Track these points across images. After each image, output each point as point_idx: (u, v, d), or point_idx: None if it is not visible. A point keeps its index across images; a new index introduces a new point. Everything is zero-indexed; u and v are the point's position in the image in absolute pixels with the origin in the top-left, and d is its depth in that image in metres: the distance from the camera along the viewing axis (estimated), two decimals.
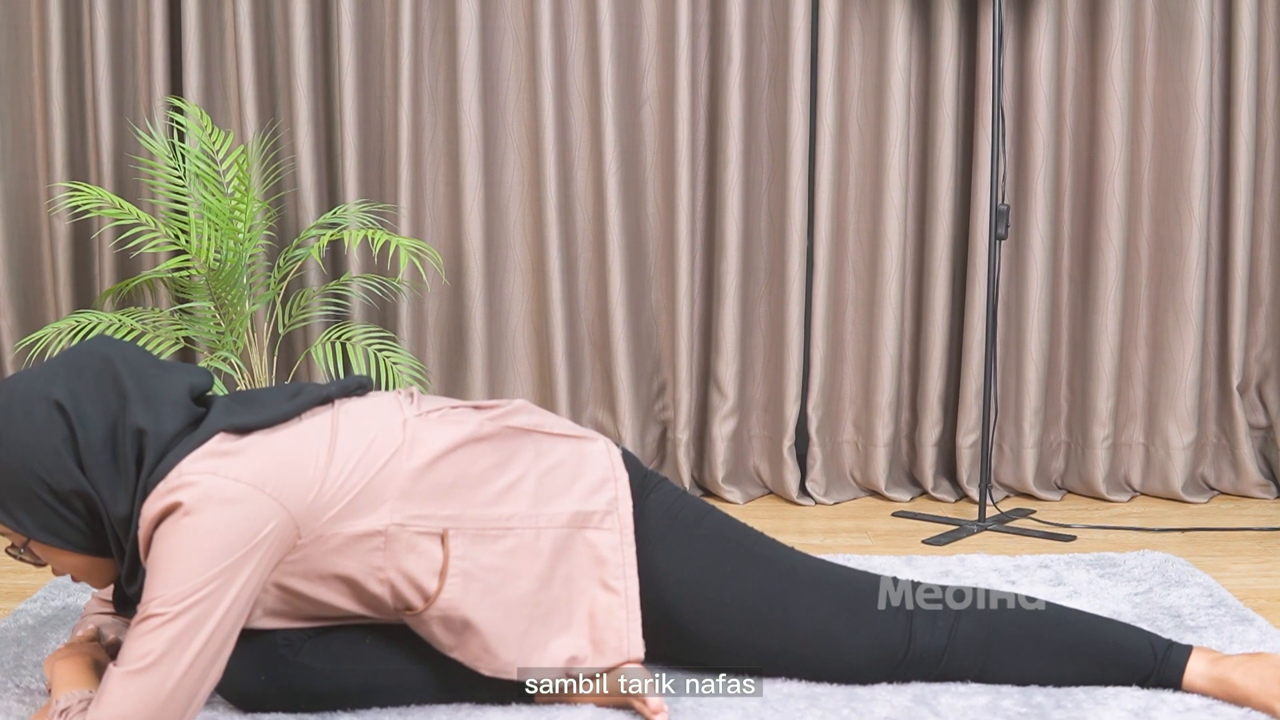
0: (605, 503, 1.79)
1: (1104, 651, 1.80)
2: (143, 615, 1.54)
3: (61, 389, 1.59)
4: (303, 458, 1.63)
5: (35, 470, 1.57)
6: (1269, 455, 3.30)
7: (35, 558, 1.67)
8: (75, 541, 1.62)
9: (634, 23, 3.22)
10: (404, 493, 1.67)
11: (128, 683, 1.52)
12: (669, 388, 3.32)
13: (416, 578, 1.67)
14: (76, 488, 1.58)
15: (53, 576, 2.49)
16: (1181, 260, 3.16)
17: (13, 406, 1.59)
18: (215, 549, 1.55)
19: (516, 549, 1.72)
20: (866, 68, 3.20)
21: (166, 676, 1.52)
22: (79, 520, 1.61)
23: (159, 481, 1.58)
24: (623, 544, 1.77)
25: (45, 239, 3.32)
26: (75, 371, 1.62)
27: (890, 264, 3.20)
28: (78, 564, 1.66)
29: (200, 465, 1.58)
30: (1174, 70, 3.13)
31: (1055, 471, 3.33)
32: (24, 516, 1.59)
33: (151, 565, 1.55)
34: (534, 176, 3.24)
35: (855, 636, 1.80)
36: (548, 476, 1.77)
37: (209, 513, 1.55)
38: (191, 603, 1.53)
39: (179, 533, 1.54)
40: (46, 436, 1.57)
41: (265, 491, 1.58)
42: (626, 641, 1.74)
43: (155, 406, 1.63)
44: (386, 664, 1.75)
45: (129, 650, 1.54)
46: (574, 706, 1.79)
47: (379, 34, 3.25)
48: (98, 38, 3.20)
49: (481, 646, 1.70)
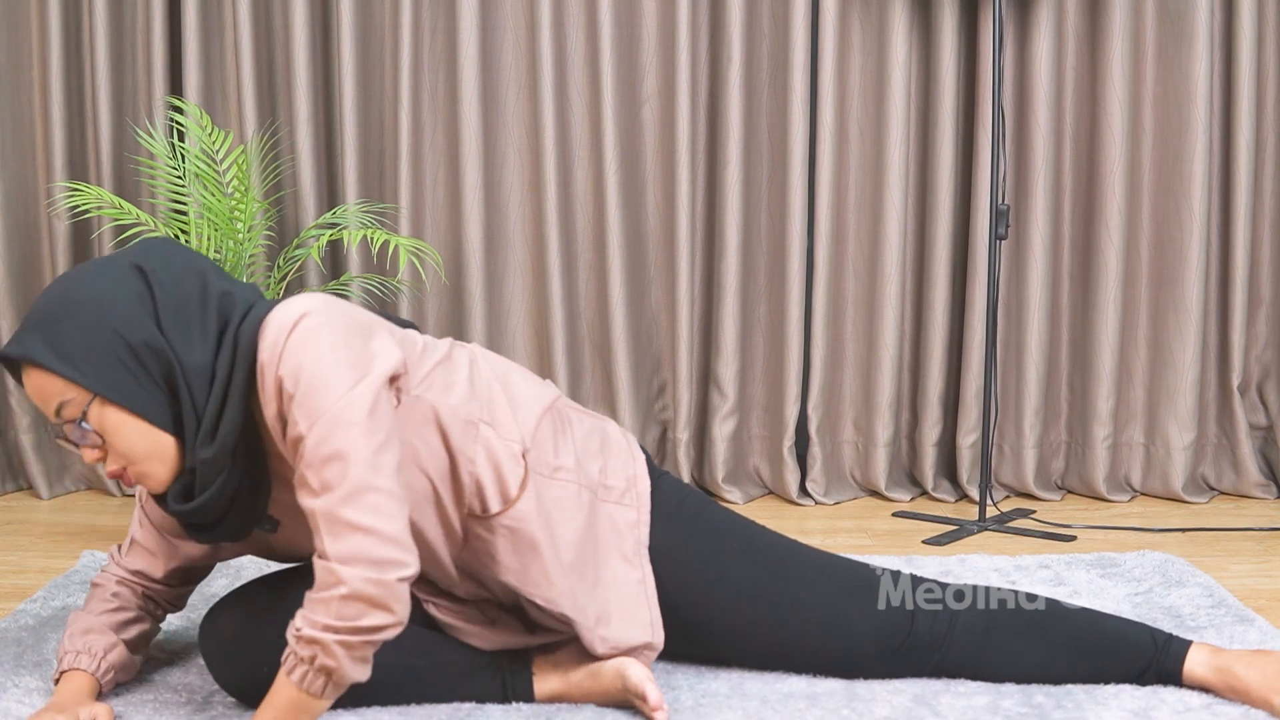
0: (625, 480, 1.82)
1: (1104, 643, 1.81)
2: (301, 434, 1.51)
3: (139, 258, 1.61)
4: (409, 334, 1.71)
5: (109, 321, 1.55)
6: (1269, 455, 3.30)
7: (95, 438, 1.57)
8: (143, 404, 1.56)
9: (634, 23, 3.22)
10: (492, 400, 1.71)
11: (347, 494, 1.49)
12: (669, 388, 3.32)
13: (504, 477, 1.68)
14: (150, 340, 1.55)
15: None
16: (1181, 260, 3.16)
17: (87, 270, 1.60)
18: (350, 335, 1.56)
19: (564, 497, 1.75)
20: (866, 68, 3.20)
21: (374, 469, 1.51)
22: (147, 379, 1.56)
23: (256, 326, 1.57)
24: (639, 520, 1.80)
25: (45, 239, 3.32)
26: (151, 247, 1.63)
27: (890, 264, 3.20)
28: (139, 442, 1.57)
29: (303, 297, 1.60)
30: (1174, 70, 3.13)
31: (1055, 471, 3.33)
32: (91, 369, 1.54)
33: (296, 384, 1.52)
34: (534, 176, 3.24)
35: (857, 619, 1.81)
36: (581, 444, 1.81)
37: (334, 314, 1.57)
38: (354, 398, 1.52)
39: (310, 337, 1.54)
40: (123, 292, 1.57)
41: (377, 318, 1.64)
42: (649, 612, 1.76)
43: (234, 282, 1.65)
44: (389, 658, 1.75)
45: (316, 478, 1.51)
46: (574, 706, 1.79)
47: (379, 34, 3.25)
48: (98, 38, 3.20)
49: (541, 571, 1.71)
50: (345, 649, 1.50)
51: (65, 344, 1.55)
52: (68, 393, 1.56)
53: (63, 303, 1.57)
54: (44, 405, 1.58)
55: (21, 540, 2.88)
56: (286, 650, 1.53)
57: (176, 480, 1.61)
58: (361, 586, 1.48)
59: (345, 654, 1.50)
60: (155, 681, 1.89)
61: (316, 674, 1.51)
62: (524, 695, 1.79)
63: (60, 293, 1.58)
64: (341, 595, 1.48)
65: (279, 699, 1.53)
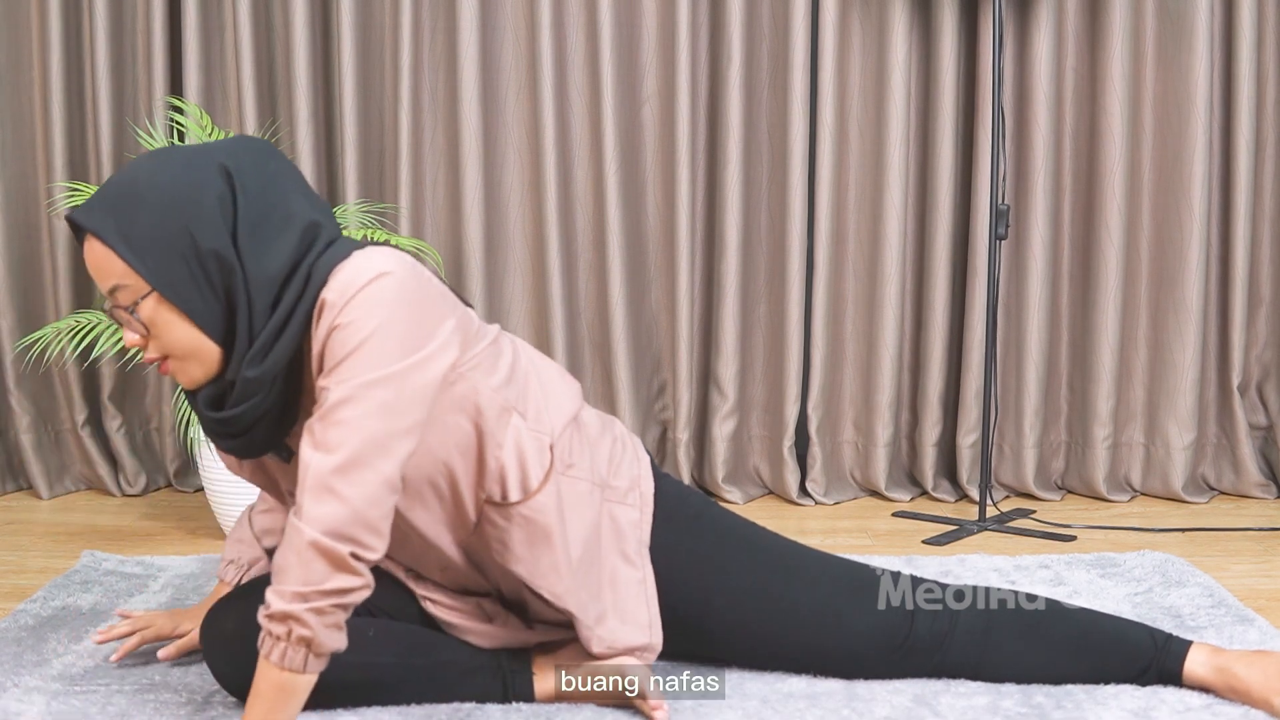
0: (629, 480, 1.82)
1: (1104, 642, 1.81)
2: (329, 386, 1.51)
3: (230, 158, 1.57)
4: (469, 312, 1.71)
5: (183, 219, 1.52)
6: (1269, 455, 3.30)
7: (141, 327, 1.56)
8: (198, 311, 1.54)
9: (634, 23, 3.22)
10: (527, 390, 1.72)
11: (343, 465, 1.50)
12: (669, 388, 3.32)
13: (528, 466, 1.68)
14: (220, 249, 1.53)
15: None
16: (1181, 260, 3.16)
17: (175, 156, 1.56)
18: (422, 313, 1.56)
19: (577, 494, 1.75)
20: (866, 68, 3.20)
21: (384, 449, 1.52)
22: (208, 288, 1.55)
23: (333, 265, 1.56)
24: (642, 520, 1.80)
25: (45, 239, 3.32)
26: (246, 149, 1.60)
27: (890, 264, 3.20)
28: (186, 343, 1.56)
29: (403, 254, 1.59)
30: (1174, 70, 3.13)
31: (1055, 471, 3.32)
32: (154, 263, 1.52)
33: (348, 337, 1.52)
34: (534, 176, 3.24)
35: (857, 619, 1.81)
36: (595, 443, 1.82)
37: (412, 283, 1.56)
38: (394, 375, 1.52)
39: (381, 296, 1.52)
40: (204, 191, 1.53)
41: (447, 300, 1.63)
42: (647, 612, 1.76)
43: (323, 208, 1.63)
44: (389, 657, 1.75)
45: (323, 433, 1.51)
46: (574, 706, 1.79)
47: (379, 34, 3.25)
48: (98, 38, 3.20)
49: (551, 564, 1.70)
50: (317, 615, 1.50)
51: (136, 230, 1.53)
52: (126, 279, 1.54)
53: (144, 187, 1.54)
54: (99, 279, 1.57)
55: (21, 540, 2.88)
56: (260, 636, 1.52)
57: (212, 384, 1.60)
58: (328, 545, 1.49)
59: (318, 620, 1.50)
60: (155, 681, 1.89)
61: (295, 647, 1.51)
62: (524, 694, 1.79)
63: (145, 176, 1.55)
64: (306, 555, 1.48)
65: (264, 686, 1.53)
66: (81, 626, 2.15)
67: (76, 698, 1.82)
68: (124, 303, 1.55)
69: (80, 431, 3.33)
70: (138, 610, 1.99)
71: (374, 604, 1.85)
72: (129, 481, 3.33)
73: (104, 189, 1.56)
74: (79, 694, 1.84)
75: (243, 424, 1.60)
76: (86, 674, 1.93)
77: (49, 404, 3.36)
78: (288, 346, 1.55)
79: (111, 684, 1.88)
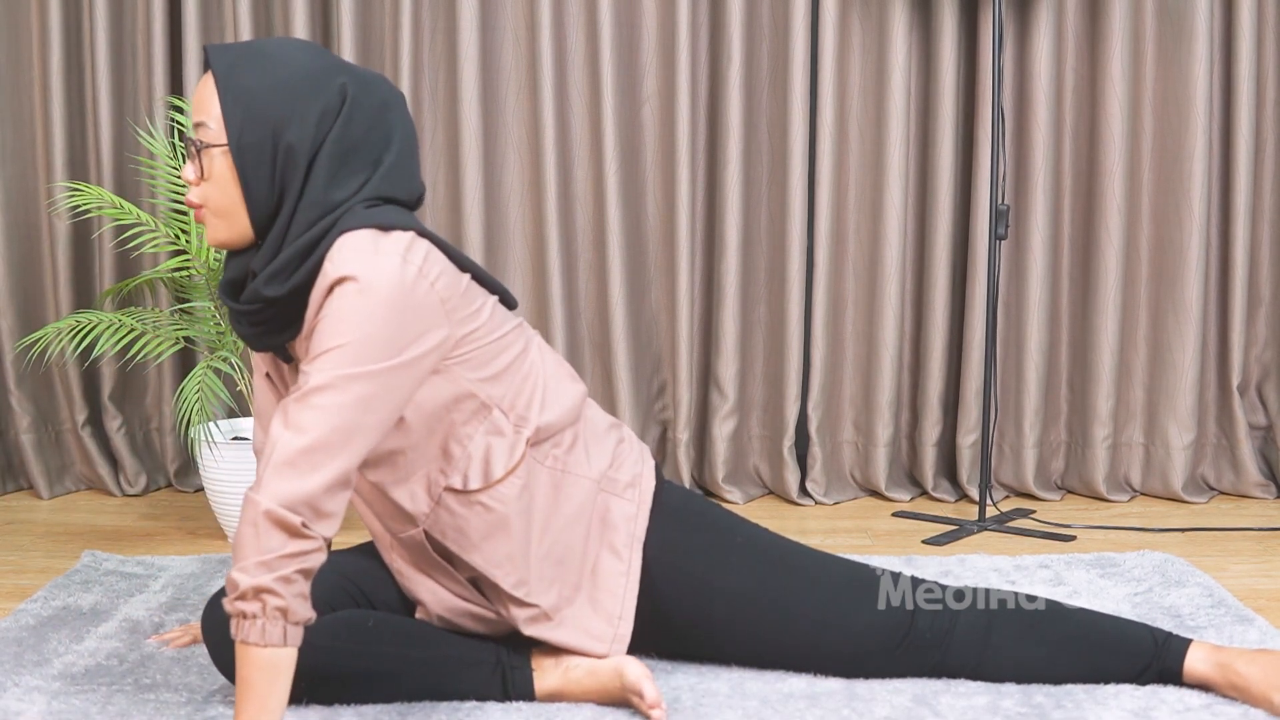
0: (630, 476, 1.84)
1: (1105, 640, 1.81)
2: (315, 386, 1.55)
3: (356, 85, 1.66)
4: (475, 292, 1.72)
5: (285, 108, 1.62)
6: (1269, 455, 3.30)
7: (200, 168, 1.65)
8: (251, 184, 1.63)
9: (634, 23, 3.22)
10: (522, 387, 1.74)
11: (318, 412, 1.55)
12: (669, 388, 3.32)
13: (492, 458, 1.72)
14: (297, 151, 1.62)
15: None
16: (1181, 260, 3.16)
17: (315, 55, 1.66)
18: (410, 318, 1.60)
19: (563, 486, 1.77)
20: (866, 68, 3.20)
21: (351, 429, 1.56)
22: (269, 174, 1.63)
23: (359, 225, 1.61)
24: (638, 515, 1.81)
25: (45, 239, 3.32)
26: (371, 85, 1.68)
27: (890, 264, 3.20)
28: (227, 202, 1.65)
29: (416, 254, 1.62)
30: (1174, 70, 3.13)
31: (1055, 471, 3.32)
32: (243, 127, 1.60)
33: (339, 330, 1.57)
34: (534, 176, 3.24)
35: (857, 617, 1.82)
36: (598, 440, 1.84)
37: (409, 281, 1.60)
38: (367, 374, 1.57)
39: (372, 293, 1.57)
40: (316, 98, 1.63)
41: (446, 307, 1.65)
42: (620, 604, 1.78)
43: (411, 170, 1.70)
44: (389, 647, 1.76)
45: (296, 409, 1.55)
46: (574, 705, 1.79)
47: (379, 34, 3.25)
48: (98, 38, 3.20)
49: (506, 555, 1.73)
50: (285, 583, 1.51)
51: (245, 86, 1.62)
52: (213, 122, 1.63)
53: (276, 61, 1.63)
54: (195, 110, 1.66)
55: (21, 540, 2.88)
56: (232, 624, 1.53)
57: (235, 266, 1.69)
58: (282, 515, 1.51)
59: (287, 589, 1.51)
60: (156, 681, 1.89)
61: (272, 620, 1.51)
62: (524, 691, 1.79)
63: (284, 53, 1.64)
64: (262, 525, 1.50)
65: (248, 672, 1.53)
66: (82, 626, 2.15)
67: (76, 697, 1.82)
68: (201, 139, 1.64)
69: (80, 431, 3.33)
70: (142, 610, 2.01)
71: (371, 598, 1.85)
72: (129, 481, 3.33)
73: (251, 44, 1.67)
74: (79, 694, 1.84)
75: (254, 319, 1.69)
76: (87, 674, 1.93)
77: (49, 404, 3.36)
78: (302, 279, 1.63)
79: (111, 684, 1.88)
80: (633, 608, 1.79)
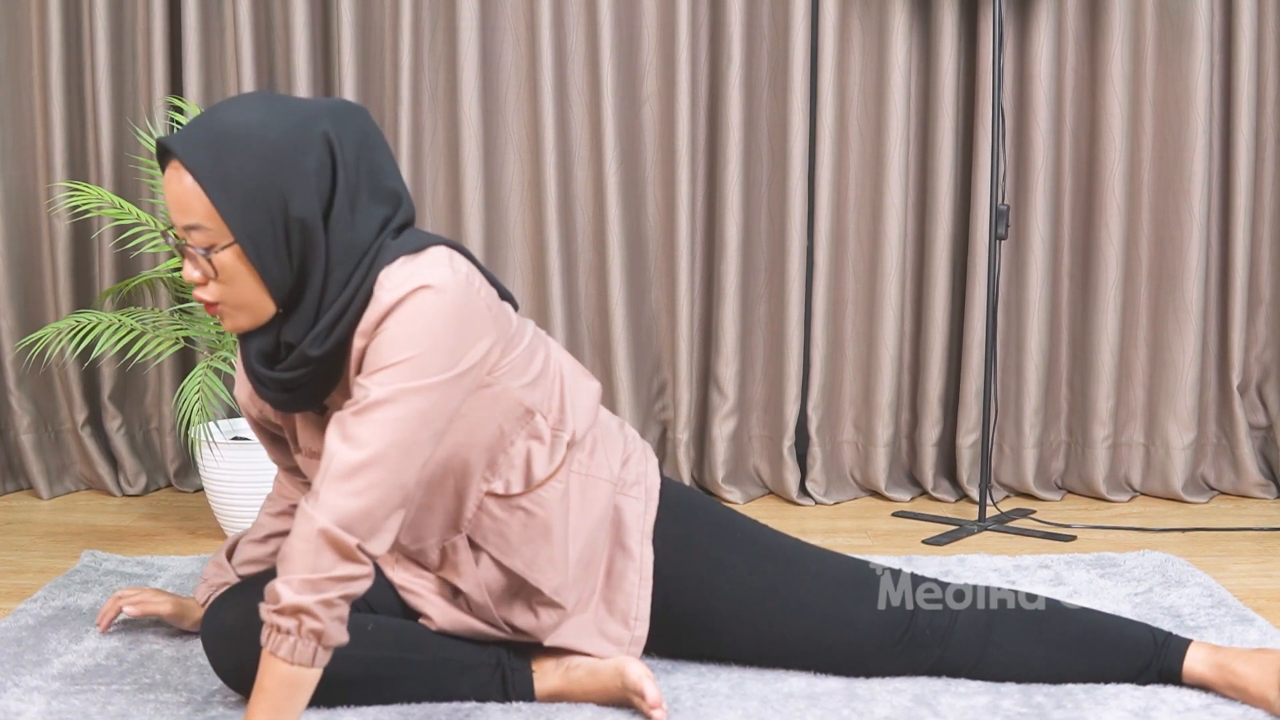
0: (636, 473, 1.85)
1: (1105, 639, 1.81)
2: (374, 400, 1.54)
3: (334, 126, 1.57)
4: (510, 313, 1.72)
5: (281, 180, 1.53)
6: (1269, 455, 3.30)
7: (209, 269, 1.57)
8: (270, 270, 1.56)
9: (634, 23, 3.22)
10: (553, 390, 1.75)
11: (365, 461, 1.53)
12: (669, 388, 3.32)
13: (534, 463, 1.72)
14: (308, 219, 1.55)
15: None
16: (1181, 260, 3.16)
17: (285, 110, 1.56)
18: (463, 327, 1.59)
19: (588, 490, 1.78)
20: (866, 68, 3.20)
21: (404, 458, 1.55)
22: (285, 254, 1.56)
23: (398, 256, 1.59)
24: (646, 512, 1.82)
25: (45, 239, 3.32)
26: (348, 117, 1.60)
27: (890, 264, 3.20)
28: (246, 294, 1.58)
29: (460, 262, 1.61)
30: (1174, 70, 3.13)
31: (1055, 471, 3.32)
32: (243, 216, 1.52)
33: (397, 349, 1.55)
34: (534, 176, 3.24)
35: (858, 613, 1.82)
36: (611, 440, 1.85)
37: (457, 295, 1.58)
38: (427, 386, 1.56)
39: (430, 309, 1.56)
40: (307, 157, 1.54)
41: (492, 314, 1.64)
42: (635, 605, 1.78)
43: (397, 179, 1.66)
44: (389, 652, 1.75)
45: (355, 425, 1.54)
46: (574, 705, 1.79)
47: (379, 34, 3.25)
48: (98, 38, 3.20)
49: (549, 559, 1.74)
50: (326, 607, 1.50)
51: (232, 176, 1.52)
52: (209, 222, 1.54)
53: (252, 137, 1.53)
54: (176, 212, 1.55)
55: (21, 540, 2.88)
56: (265, 631, 1.52)
57: (262, 337, 1.63)
58: (338, 534, 1.50)
59: (327, 613, 1.51)
60: (155, 681, 1.89)
61: (305, 640, 1.51)
62: (524, 693, 1.79)
63: (256, 124, 1.53)
64: (316, 543, 1.49)
65: (269, 681, 1.52)
66: (82, 626, 2.15)
67: (76, 697, 1.82)
68: (199, 244, 1.55)
69: (80, 431, 3.33)
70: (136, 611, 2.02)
71: (370, 602, 1.85)
72: (129, 481, 3.33)
73: (207, 122, 1.55)
74: (79, 694, 1.84)
75: (293, 384, 1.64)
76: (86, 674, 1.93)
77: (49, 404, 3.36)
78: (347, 328, 1.59)
79: (111, 684, 1.88)
80: (648, 608, 1.79)
